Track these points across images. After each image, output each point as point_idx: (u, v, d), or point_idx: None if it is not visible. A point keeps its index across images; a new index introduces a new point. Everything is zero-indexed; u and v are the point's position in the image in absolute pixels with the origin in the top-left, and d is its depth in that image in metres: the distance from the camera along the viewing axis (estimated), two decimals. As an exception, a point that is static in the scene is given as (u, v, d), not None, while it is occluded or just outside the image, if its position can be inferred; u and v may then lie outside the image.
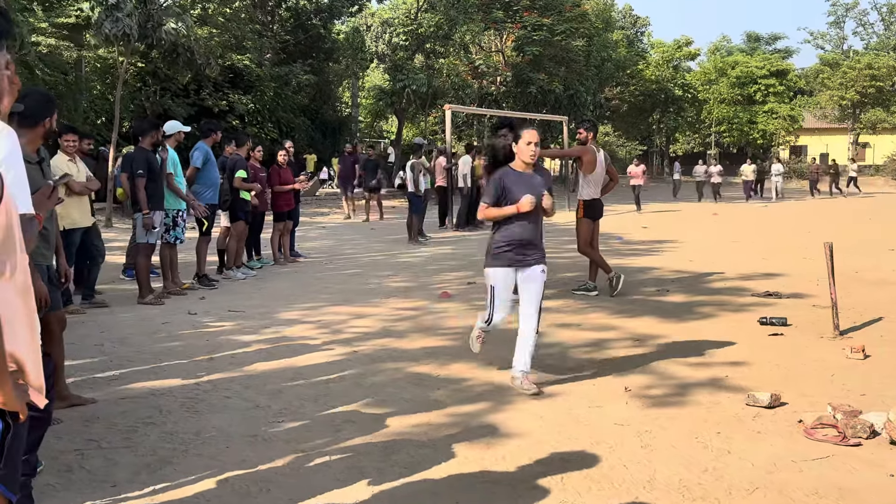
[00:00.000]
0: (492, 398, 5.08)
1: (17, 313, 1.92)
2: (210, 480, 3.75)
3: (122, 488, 3.66)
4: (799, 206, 28.28)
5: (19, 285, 1.92)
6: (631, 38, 55.58)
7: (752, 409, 4.78)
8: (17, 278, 1.90)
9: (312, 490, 3.63)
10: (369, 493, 3.61)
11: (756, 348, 6.39)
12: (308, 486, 3.67)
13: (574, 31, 36.07)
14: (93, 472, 3.84)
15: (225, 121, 25.76)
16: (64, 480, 3.73)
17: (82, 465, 3.94)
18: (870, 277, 10.10)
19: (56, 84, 20.58)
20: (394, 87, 31.48)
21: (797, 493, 3.58)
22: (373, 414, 4.74)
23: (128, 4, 18.13)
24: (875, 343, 6.42)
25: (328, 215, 22.71)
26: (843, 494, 3.57)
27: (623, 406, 4.91)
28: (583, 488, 3.65)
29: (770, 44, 67.45)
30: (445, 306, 8.43)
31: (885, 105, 50.96)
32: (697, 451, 4.13)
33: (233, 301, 8.70)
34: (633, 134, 56.41)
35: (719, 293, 9.16)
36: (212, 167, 9.76)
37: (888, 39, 60.16)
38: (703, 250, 13.68)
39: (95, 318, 7.68)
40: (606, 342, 6.68)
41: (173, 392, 5.20)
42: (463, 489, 3.67)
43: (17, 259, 1.90)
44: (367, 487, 3.66)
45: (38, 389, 2.07)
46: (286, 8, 32.41)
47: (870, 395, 5.00)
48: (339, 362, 6.02)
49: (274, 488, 3.67)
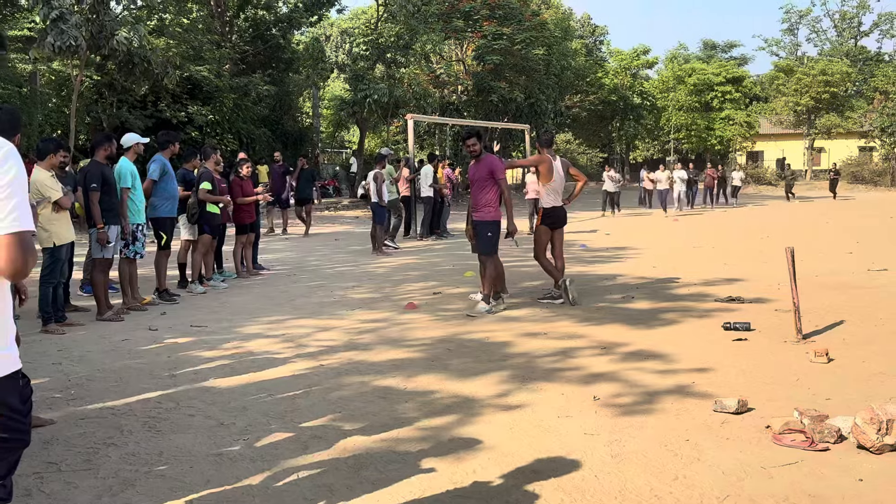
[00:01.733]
0: (460, 410, 5.04)
1: None
2: (175, 503, 3.66)
3: (83, 513, 3.56)
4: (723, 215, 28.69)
5: None
6: (590, 47, 56.11)
7: (719, 416, 4.80)
8: None
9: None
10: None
11: (721, 354, 6.44)
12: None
13: (534, 40, 36.31)
14: (52, 496, 3.73)
15: (184, 132, 25.50)
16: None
17: (41, 488, 3.82)
18: (829, 281, 10.26)
19: (10, 97, 20.22)
20: (355, 96, 31.37)
21: (768, 501, 3.59)
22: (340, 429, 4.67)
23: (73, 17, 17.82)
24: (838, 346, 6.51)
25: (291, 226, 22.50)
26: (813, 501, 3.59)
27: (592, 415, 4.90)
28: (555, 499, 3.62)
29: (726, 51, 68.69)
30: (411, 317, 8.38)
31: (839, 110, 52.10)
32: (667, 459, 4.13)
33: (195, 316, 8.56)
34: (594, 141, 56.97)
35: (683, 299, 9.24)
36: (169, 179, 9.60)
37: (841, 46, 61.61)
38: (665, 256, 13.82)
39: (52, 336, 7.50)
40: (573, 351, 6.68)
41: (134, 411, 5.08)
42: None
43: None
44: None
45: None
46: (244, 18, 32.22)
47: (835, 399, 5.05)
48: (305, 377, 5.94)
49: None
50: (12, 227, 2.15)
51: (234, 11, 31.77)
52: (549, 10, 43.46)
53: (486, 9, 35.55)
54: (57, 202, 7.65)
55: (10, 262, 2.16)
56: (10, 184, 2.18)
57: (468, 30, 35.62)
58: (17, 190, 2.19)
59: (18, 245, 2.16)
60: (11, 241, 2.15)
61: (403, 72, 34.16)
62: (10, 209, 2.16)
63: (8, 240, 2.15)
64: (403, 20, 33.26)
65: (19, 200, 2.19)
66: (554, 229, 9.31)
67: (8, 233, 2.15)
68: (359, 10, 40.04)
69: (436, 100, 35.07)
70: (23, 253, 2.17)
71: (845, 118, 52.50)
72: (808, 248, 13.68)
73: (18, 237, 2.16)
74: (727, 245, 15.85)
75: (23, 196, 2.22)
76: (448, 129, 35.98)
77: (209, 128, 27.38)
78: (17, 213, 2.17)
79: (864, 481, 3.79)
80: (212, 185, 10.34)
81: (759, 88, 58.29)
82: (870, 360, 6.12)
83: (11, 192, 2.17)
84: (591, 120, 51.85)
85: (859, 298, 8.99)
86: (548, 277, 9.61)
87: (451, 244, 15.36)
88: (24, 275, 2.25)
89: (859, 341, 6.81)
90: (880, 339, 6.89)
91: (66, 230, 7.95)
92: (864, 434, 4.12)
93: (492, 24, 34.91)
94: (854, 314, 7.99)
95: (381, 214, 14.90)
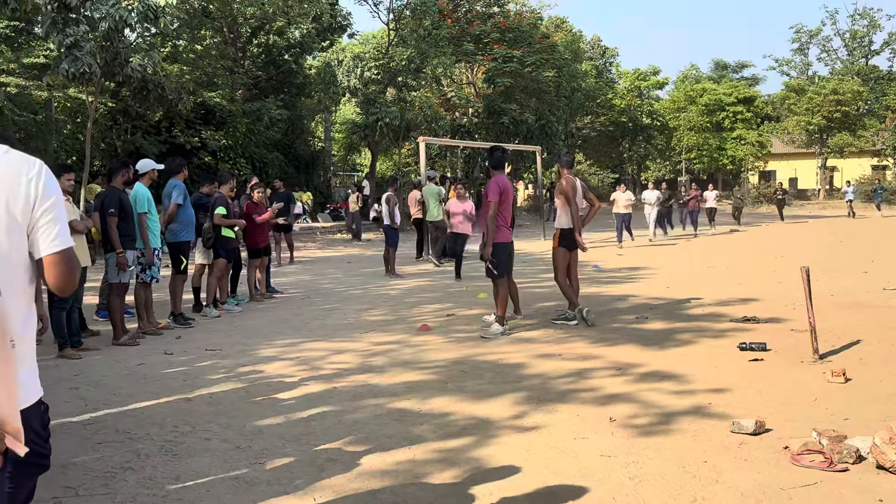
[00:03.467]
0: (476, 432, 5.03)
1: None
2: (191, 526, 3.67)
3: (101, 537, 3.56)
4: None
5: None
6: (600, 69, 56.33)
7: (737, 437, 4.77)
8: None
9: (297, 533, 3.56)
10: (356, 534, 3.55)
11: (738, 374, 6.41)
12: (293, 530, 3.60)
13: (544, 62, 36.48)
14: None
15: (197, 157, 25.70)
16: (40, 531, 3.62)
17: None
18: (845, 300, 10.19)
19: (26, 124, 20.45)
20: (367, 120, 31.54)
21: (788, 522, 3.56)
22: (356, 452, 4.67)
23: (87, 44, 18.06)
24: (855, 366, 6.46)
25: (302, 249, 22.59)
26: (833, 521, 3.56)
27: (609, 437, 4.88)
28: (572, 523, 3.60)
29: (737, 71, 68.69)
30: (425, 339, 8.38)
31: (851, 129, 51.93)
32: (686, 480, 4.11)
33: (210, 339, 8.59)
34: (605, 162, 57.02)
35: (698, 319, 9.20)
36: (187, 204, 9.70)
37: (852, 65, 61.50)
38: (678, 276, 13.78)
39: (68, 361, 7.54)
40: (588, 372, 6.66)
41: (151, 435, 5.09)
42: (451, 527, 3.62)
43: None
44: (354, 529, 3.60)
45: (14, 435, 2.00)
46: (257, 44, 32.51)
47: (853, 420, 5.02)
48: (320, 399, 5.94)
49: (258, 532, 3.59)
50: (59, 245, 2.25)
51: (247, 38, 32.07)
52: (559, 33, 43.69)
53: (496, 32, 35.81)
54: (70, 224, 7.66)
55: (62, 277, 2.27)
56: (55, 205, 2.27)
57: (478, 53, 35.84)
58: (61, 209, 2.29)
59: (65, 262, 2.27)
60: (59, 259, 2.26)
61: (414, 95, 34.34)
62: (58, 230, 2.26)
63: (56, 258, 2.25)
64: (414, 44, 33.49)
65: (63, 219, 2.30)
66: (570, 251, 9.29)
67: (56, 251, 2.24)
68: (370, 34, 40.26)
69: (447, 122, 35.21)
70: (69, 268, 2.29)
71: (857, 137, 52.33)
72: (824, 267, 13.61)
73: (64, 255, 2.27)
74: (741, 265, 15.79)
75: (63, 213, 2.31)
76: (459, 152, 36.11)
77: (222, 153, 27.57)
78: (61, 231, 2.27)
79: (883, 502, 3.75)
80: (226, 209, 10.43)
81: (770, 108, 58.24)
82: (887, 380, 6.08)
83: (58, 213, 2.27)
84: (602, 141, 51.96)
85: (875, 318, 8.93)
86: (563, 298, 9.59)
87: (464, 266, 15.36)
88: (72, 287, 2.35)
89: (876, 361, 6.76)
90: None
91: (80, 254, 7.99)
92: (884, 454, 4.09)
93: (502, 47, 35.13)
94: (870, 334, 7.94)
95: (393, 237, 14.95)
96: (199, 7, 27.77)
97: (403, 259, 17.17)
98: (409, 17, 34.48)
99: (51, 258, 2.23)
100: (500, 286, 8.68)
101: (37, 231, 2.23)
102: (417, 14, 33.77)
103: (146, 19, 18.84)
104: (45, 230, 2.23)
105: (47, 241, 2.23)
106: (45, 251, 2.23)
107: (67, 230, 2.31)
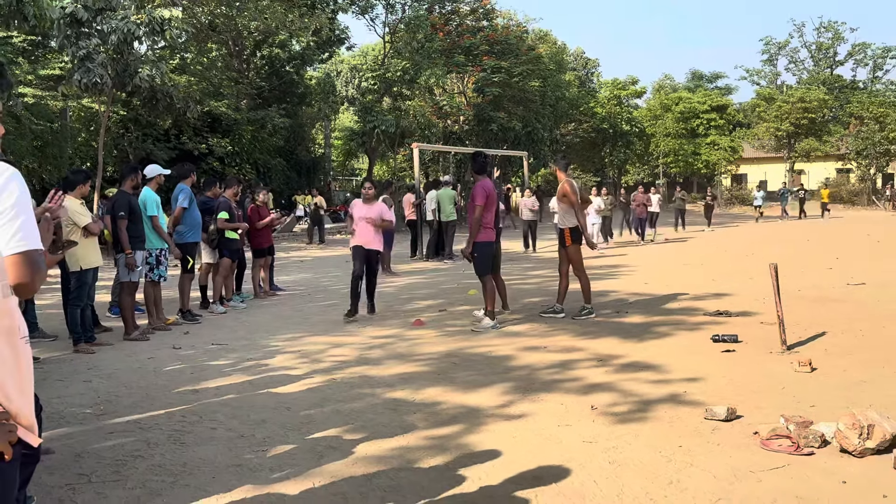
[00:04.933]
0: (465, 420, 5.03)
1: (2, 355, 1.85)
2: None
3: (112, 521, 3.55)
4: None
5: (4, 328, 1.85)
6: (582, 79, 56.26)
7: (710, 423, 4.78)
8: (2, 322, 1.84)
9: (298, 516, 3.55)
10: (352, 517, 3.54)
11: (711, 364, 6.43)
12: (293, 513, 3.59)
13: (530, 72, 36.47)
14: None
15: (205, 163, 25.62)
16: (55, 516, 3.61)
17: (73, 499, 3.81)
18: (811, 295, 10.23)
19: (43, 132, 20.37)
20: (364, 127, 31.52)
21: (757, 503, 3.57)
22: (353, 440, 4.66)
23: (99, 56, 18.02)
24: (820, 356, 6.49)
25: (303, 249, 22.54)
26: (800, 501, 3.57)
27: (590, 424, 4.89)
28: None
29: (712, 81, 68.81)
30: (419, 333, 8.38)
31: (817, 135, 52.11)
32: (662, 464, 4.11)
33: (216, 335, 8.57)
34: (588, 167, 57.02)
35: (674, 313, 9.22)
36: (193, 207, 9.67)
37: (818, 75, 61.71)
38: (656, 273, 13.80)
39: (82, 355, 7.50)
40: (572, 363, 6.66)
41: (160, 425, 5.08)
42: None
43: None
44: (351, 511, 3.59)
45: (28, 428, 1.99)
46: (260, 56, 32.44)
47: (819, 406, 5.03)
48: (320, 390, 5.93)
49: (260, 516, 3.58)
50: (18, 246, 2.13)
51: (251, 50, 32.00)
52: (544, 45, 43.68)
53: (485, 44, 35.77)
54: (86, 227, 7.69)
55: (17, 279, 2.14)
56: (14, 205, 2.15)
57: (469, 64, 35.81)
58: (21, 211, 2.16)
59: (24, 264, 2.14)
60: (18, 260, 2.13)
61: (409, 104, 34.32)
62: (14, 230, 2.13)
63: (14, 259, 2.13)
64: (408, 56, 33.51)
65: (24, 220, 2.16)
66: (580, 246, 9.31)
67: (14, 253, 2.13)
68: (367, 47, 40.24)
69: (439, 129, 35.18)
70: (30, 271, 2.15)
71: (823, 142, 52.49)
72: (791, 264, 13.65)
73: (24, 256, 2.14)
74: (714, 263, 15.82)
75: (28, 216, 2.18)
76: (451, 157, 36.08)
77: (228, 158, 27.50)
78: (22, 234, 2.14)
79: (847, 483, 3.77)
80: (229, 213, 10.40)
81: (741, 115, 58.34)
82: (851, 369, 6.10)
83: (16, 214, 2.14)
84: (585, 146, 51.91)
85: (840, 311, 8.97)
86: (547, 294, 9.59)
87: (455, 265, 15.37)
88: (31, 291, 2.22)
89: (841, 351, 6.79)
90: (860, 349, 6.86)
91: (93, 255, 7.97)
92: (847, 439, 4.10)
93: (491, 59, 35.11)
94: (835, 326, 7.97)
95: (388, 238, 14.91)
96: (205, 22, 27.74)
97: (398, 258, 17.14)
98: (403, 30, 34.52)
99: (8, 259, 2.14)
100: (487, 282, 8.68)
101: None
102: (411, 28, 33.83)
103: (153, 33, 18.79)
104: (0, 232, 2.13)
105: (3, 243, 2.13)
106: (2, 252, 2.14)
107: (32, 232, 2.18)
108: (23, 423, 1.96)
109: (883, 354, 6.61)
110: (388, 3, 34.62)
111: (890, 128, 47.23)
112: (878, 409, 4.44)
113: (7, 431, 1.91)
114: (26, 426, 1.97)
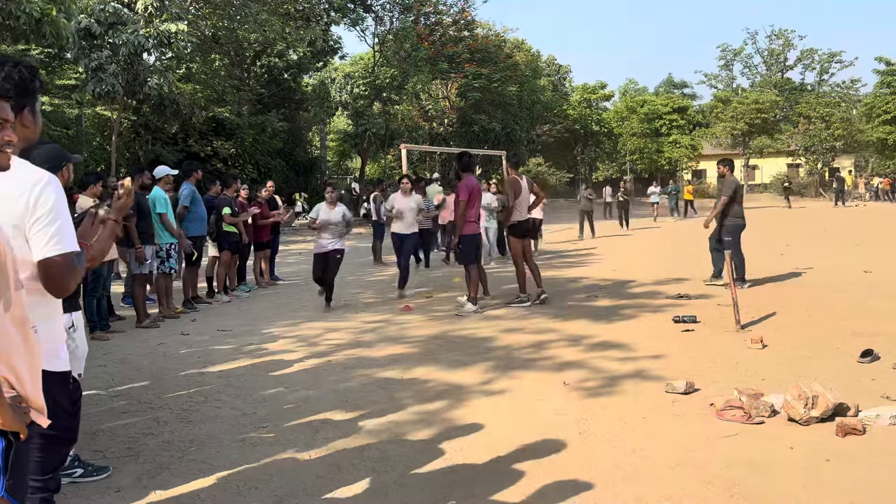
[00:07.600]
0: (450, 397, 5.04)
1: (14, 342, 1.83)
2: (204, 481, 3.65)
3: (126, 493, 3.54)
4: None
5: (17, 319, 1.84)
6: (555, 84, 56.18)
7: (670, 396, 4.81)
8: (14, 313, 1.82)
9: (295, 486, 3.55)
10: (345, 485, 3.54)
11: (672, 343, 6.46)
12: (292, 483, 3.59)
13: (508, 79, 36.47)
14: (99, 480, 3.70)
15: (210, 164, 25.42)
16: (73, 488, 3.59)
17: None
18: (763, 279, 10.29)
19: (60, 138, 20.17)
20: (356, 130, 31.40)
21: (713, 467, 3.60)
22: (347, 416, 4.66)
23: (111, 66, 17.86)
24: (771, 334, 6.54)
25: (302, 243, 22.44)
26: (752, 466, 3.60)
27: (563, 398, 4.91)
28: (532, 471, 3.62)
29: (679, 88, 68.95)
30: (408, 318, 8.37)
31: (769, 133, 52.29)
32: (626, 434, 4.14)
33: (221, 321, 8.52)
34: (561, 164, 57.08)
35: (639, 297, 9.26)
36: (198, 204, 9.59)
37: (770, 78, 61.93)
38: (623, 261, 13.84)
39: (98, 342, 7.45)
40: (547, 343, 6.68)
41: (169, 405, 5.05)
42: (427, 478, 3.62)
43: (12, 295, 1.81)
44: (344, 481, 3.59)
45: (38, 411, 1.97)
46: (260, 65, 32.20)
47: (769, 379, 5.08)
48: (316, 371, 5.92)
49: (262, 486, 3.57)
50: (55, 250, 2.13)
51: (251, 60, 31.75)
52: (520, 53, 43.61)
53: (466, 53, 35.70)
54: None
55: (53, 280, 2.15)
56: (50, 211, 2.14)
57: (452, 71, 35.74)
58: (58, 216, 2.15)
59: (60, 266, 2.14)
60: (53, 263, 2.13)
61: (397, 108, 34.24)
62: (50, 235, 2.12)
63: (50, 262, 2.13)
64: (397, 64, 33.39)
65: (60, 224, 2.15)
66: (524, 239, 9.25)
67: (51, 255, 2.13)
68: (358, 56, 40.01)
69: (425, 131, 35.12)
70: (64, 273, 2.15)
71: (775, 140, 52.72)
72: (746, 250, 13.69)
73: (60, 259, 2.13)
74: (675, 251, 15.88)
75: (64, 220, 2.16)
76: (437, 156, 36.01)
77: (232, 160, 27.29)
78: (58, 238, 2.13)
79: (794, 449, 3.81)
80: (231, 208, 10.33)
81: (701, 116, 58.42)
82: (798, 346, 6.16)
83: (52, 219, 2.13)
84: (559, 146, 51.97)
85: (789, 294, 9.03)
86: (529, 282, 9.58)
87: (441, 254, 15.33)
88: (66, 291, 2.22)
89: (789, 330, 6.85)
90: (807, 328, 6.92)
91: None
92: (794, 408, 4.14)
93: (472, 66, 35.06)
94: (784, 307, 8.03)
95: (379, 230, 14.91)
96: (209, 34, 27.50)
97: (389, 249, 17.08)
98: (391, 41, 34.36)
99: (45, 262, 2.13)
100: (472, 271, 8.68)
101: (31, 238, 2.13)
102: (399, 38, 33.68)
103: (161, 45, 18.63)
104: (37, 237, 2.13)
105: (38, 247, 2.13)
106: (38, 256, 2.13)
107: (69, 235, 2.17)
108: (34, 406, 1.94)
109: (827, 332, 6.67)
110: (377, 15, 34.44)
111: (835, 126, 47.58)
112: (822, 381, 4.49)
113: (22, 413, 1.90)
114: (37, 409, 1.96)
